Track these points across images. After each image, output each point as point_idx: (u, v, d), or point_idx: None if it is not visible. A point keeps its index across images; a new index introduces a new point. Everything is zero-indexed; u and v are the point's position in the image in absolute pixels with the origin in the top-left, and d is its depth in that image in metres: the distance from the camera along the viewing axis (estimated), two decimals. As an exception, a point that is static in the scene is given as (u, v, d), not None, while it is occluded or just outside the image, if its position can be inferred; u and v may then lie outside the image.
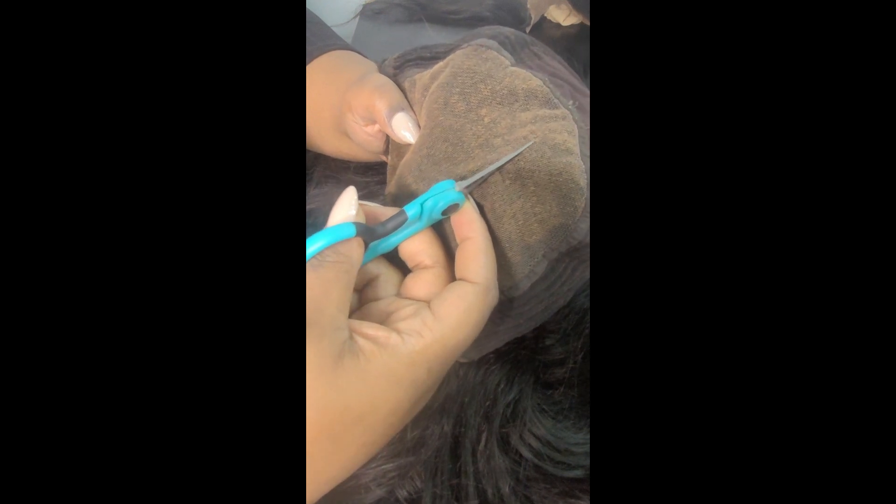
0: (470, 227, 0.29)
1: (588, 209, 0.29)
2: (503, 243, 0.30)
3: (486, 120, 0.31)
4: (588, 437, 0.33)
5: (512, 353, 0.33)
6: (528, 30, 0.68)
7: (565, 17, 0.70)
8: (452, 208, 0.29)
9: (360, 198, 0.29)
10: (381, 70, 0.39)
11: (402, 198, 0.33)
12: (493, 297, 0.29)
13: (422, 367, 0.26)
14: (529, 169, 0.29)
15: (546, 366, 0.34)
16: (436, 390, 0.29)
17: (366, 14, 0.76)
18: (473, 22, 0.72)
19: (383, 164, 0.36)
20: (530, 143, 0.30)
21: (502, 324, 0.31)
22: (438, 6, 0.74)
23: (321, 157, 0.45)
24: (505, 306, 0.30)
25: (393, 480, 0.33)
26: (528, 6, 0.69)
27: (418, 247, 0.30)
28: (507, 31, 0.35)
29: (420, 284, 0.30)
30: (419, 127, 0.34)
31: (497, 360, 0.33)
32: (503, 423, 0.32)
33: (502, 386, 0.33)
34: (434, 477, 0.32)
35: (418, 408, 0.28)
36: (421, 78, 0.35)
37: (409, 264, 0.31)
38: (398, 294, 0.30)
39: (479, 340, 0.30)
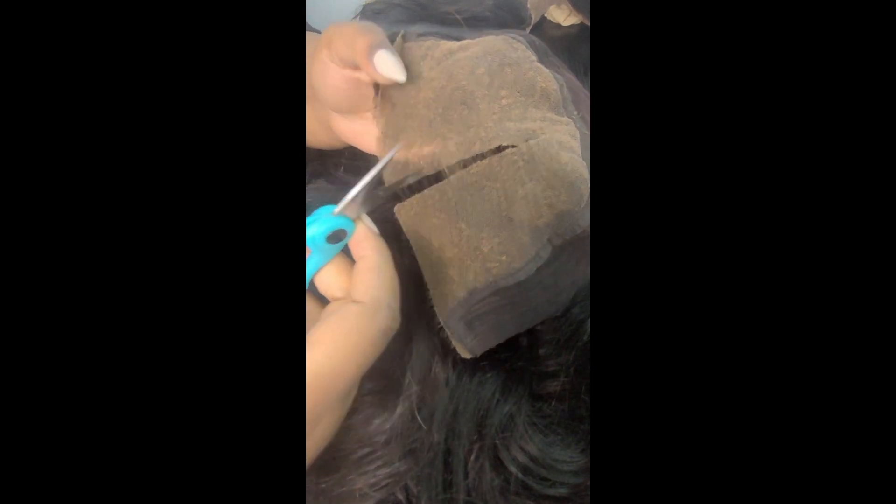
0: (362, 246, 0.29)
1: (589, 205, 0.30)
2: (514, 223, 0.30)
3: (504, 102, 0.32)
4: (574, 454, 0.32)
5: (508, 363, 0.33)
6: (528, 30, 0.68)
7: (565, 17, 0.70)
8: (340, 233, 0.29)
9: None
10: (406, 36, 0.39)
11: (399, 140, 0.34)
12: (384, 318, 0.27)
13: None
14: (540, 156, 0.30)
15: (539, 377, 0.33)
16: (395, 405, 0.29)
17: (366, 14, 0.76)
18: (473, 22, 0.72)
19: (374, 161, 0.36)
20: (397, 148, 0.32)
21: (508, 312, 0.31)
22: (438, 6, 0.74)
23: (312, 154, 0.45)
24: (512, 292, 0.30)
25: (386, 487, 0.32)
26: (529, 6, 0.68)
27: (326, 279, 0.29)
28: (531, 36, 0.37)
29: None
30: (405, 69, 0.33)
31: (492, 369, 0.32)
32: (495, 436, 0.32)
33: (497, 396, 0.32)
34: (428, 487, 0.32)
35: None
36: (444, 45, 0.36)
37: (327, 298, 0.30)
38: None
39: (483, 334, 0.30)
